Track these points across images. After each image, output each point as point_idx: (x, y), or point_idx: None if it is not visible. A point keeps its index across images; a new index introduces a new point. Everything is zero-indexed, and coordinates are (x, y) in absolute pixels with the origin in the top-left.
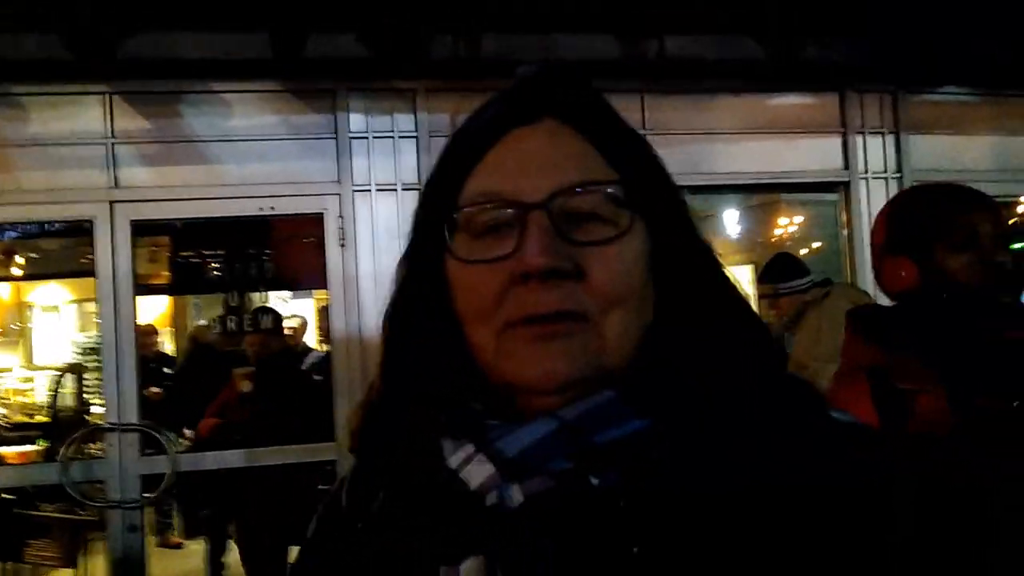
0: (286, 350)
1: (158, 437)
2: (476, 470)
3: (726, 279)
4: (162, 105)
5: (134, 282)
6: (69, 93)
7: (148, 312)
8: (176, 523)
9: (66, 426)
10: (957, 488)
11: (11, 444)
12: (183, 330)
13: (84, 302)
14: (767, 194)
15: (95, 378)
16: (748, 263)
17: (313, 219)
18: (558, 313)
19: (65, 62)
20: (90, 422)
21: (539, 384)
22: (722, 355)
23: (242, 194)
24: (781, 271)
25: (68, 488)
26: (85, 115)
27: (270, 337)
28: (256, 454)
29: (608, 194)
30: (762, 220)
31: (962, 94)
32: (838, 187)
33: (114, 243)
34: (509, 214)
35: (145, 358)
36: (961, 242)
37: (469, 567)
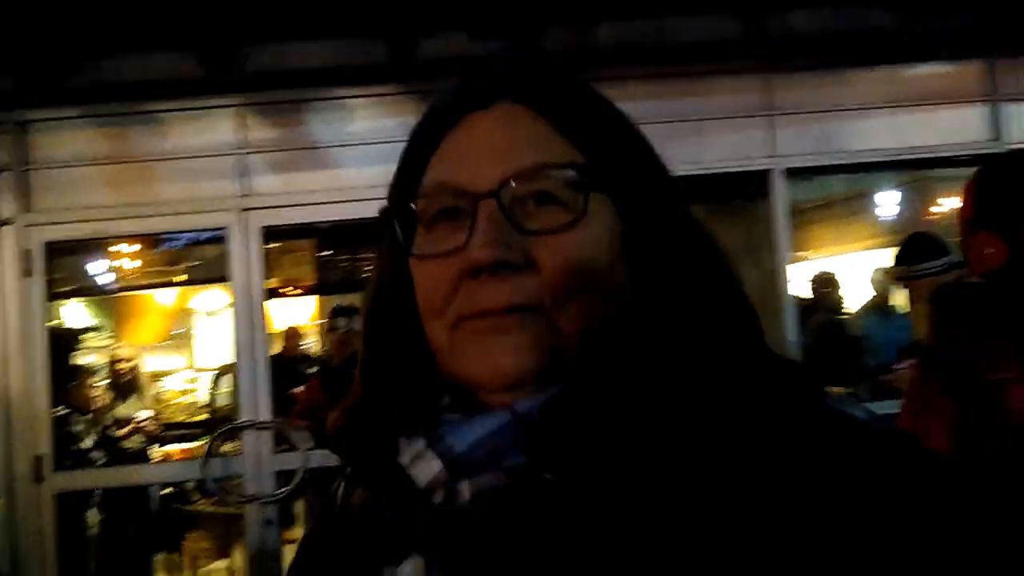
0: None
1: (289, 435)
2: (424, 467)
3: (713, 263)
4: (288, 114)
5: (264, 286)
6: (201, 108)
7: (296, 314)
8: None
9: (222, 424)
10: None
11: (176, 442)
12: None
13: None
14: (913, 171)
15: None
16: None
17: None
18: (508, 308)
19: (196, 78)
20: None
21: (488, 381)
22: (688, 343)
23: (365, 196)
24: (915, 252)
25: (208, 484)
26: (216, 128)
27: (349, 337)
28: None
29: (565, 177)
30: (912, 200)
31: None
32: None
33: (247, 249)
34: (460, 205)
35: (291, 359)
36: None
37: (408, 568)
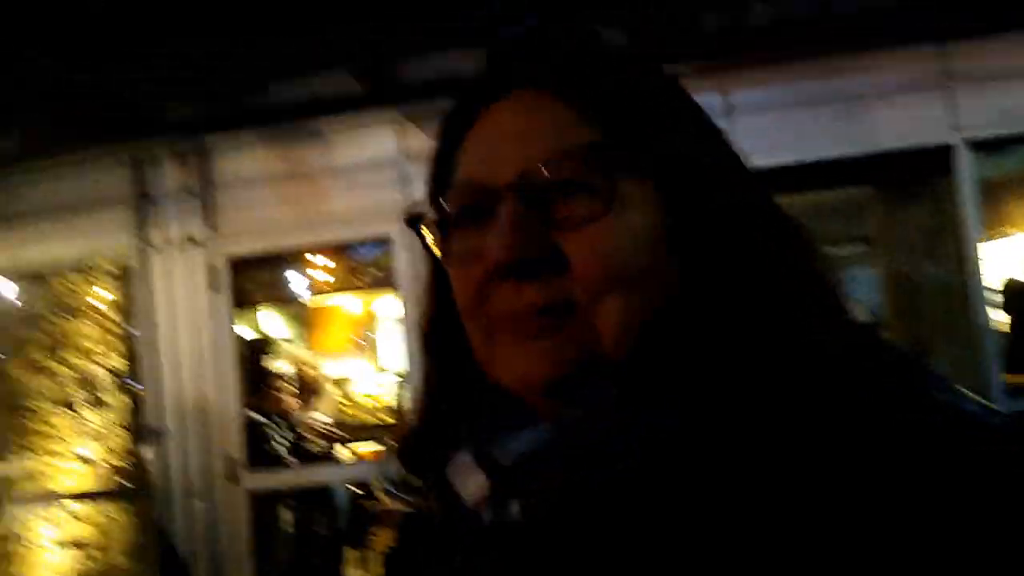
0: None
1: None
2: (470, 480)
3: (783, 252)
4: None
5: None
6: (362, 122)
7: None
8: None
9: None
10: None
11: (363, 443)
12: None
13: None
14: None
15: None
16: None
17: None
18: (538, 308)
19: (356, 94)
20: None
21: (523, 388)
22: (754, 334)
23: None
24: None
25: (384, 483)
26: (378, 140)
27: None
28: None
29: (591, 162)
30: None
31: None
32: None
33: (413, 257)
34: (481, 202)
35: None
36: None
37: None
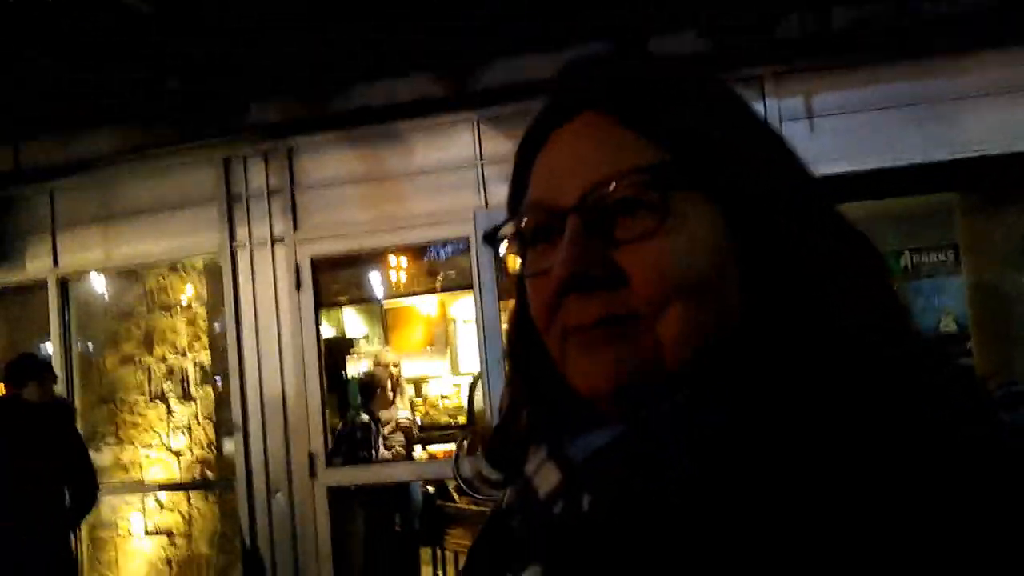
0: None
1: None
2: (545, 476)
3: (851, 270)
4: (521, 126)
5: (498, 293)
6: (442, 125)
7: None
8: None
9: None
10: None
11: (439, 443)
12: None
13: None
14: None
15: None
16: None
17: None
18: (598, 321)
19: (436, 97)
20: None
21: (592, 394)
22: (814, 353)
23: None
24: None
25: (460, 482)
26: (457, 142)
27: None
28: None
29: (648, 180)
30: None
31: None
32: None
33: (483, 258)
34: (550, 222)
35: None
36: None
37: None
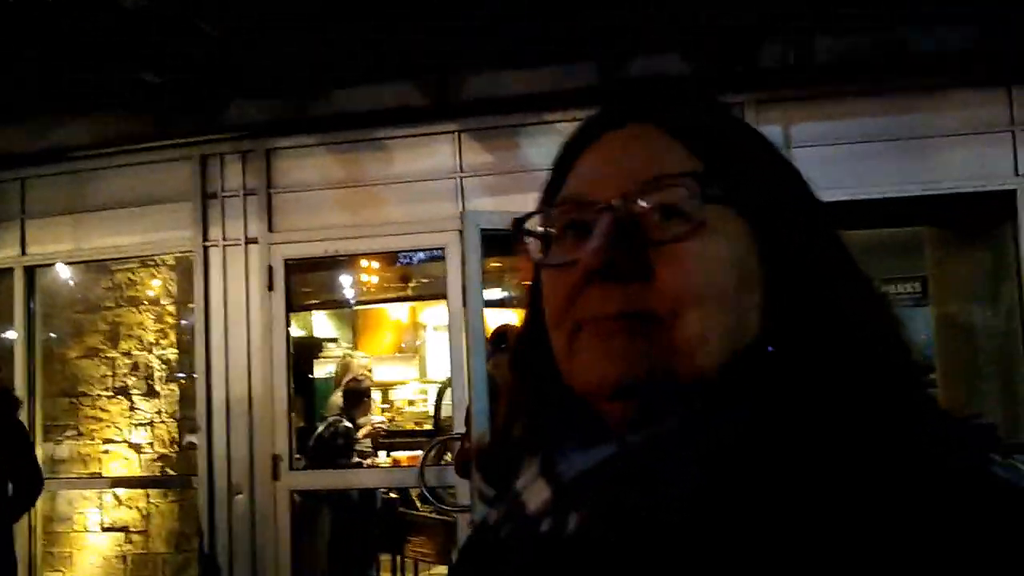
0: None
1: None
2: (535, 492)
3: (858, 292)
4: (502, 139)
5: (481, 305)
6: (423, 134)
7: None
8: None
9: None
10: None
11: (403, 449)
12: None
13: None
14: None
15: None
16: None
17: None
18: (619, 314)
19: (418, 106)
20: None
21: (596, 388)
22: (823, 379)
23: None
24: None
25: (424, 491)
26: (437, 152)
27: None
28: None
29: (688, 189)
30: None
31: None
32: None
33: (463, 268)
34: (584, 216)
35: None
36: None
37: None
